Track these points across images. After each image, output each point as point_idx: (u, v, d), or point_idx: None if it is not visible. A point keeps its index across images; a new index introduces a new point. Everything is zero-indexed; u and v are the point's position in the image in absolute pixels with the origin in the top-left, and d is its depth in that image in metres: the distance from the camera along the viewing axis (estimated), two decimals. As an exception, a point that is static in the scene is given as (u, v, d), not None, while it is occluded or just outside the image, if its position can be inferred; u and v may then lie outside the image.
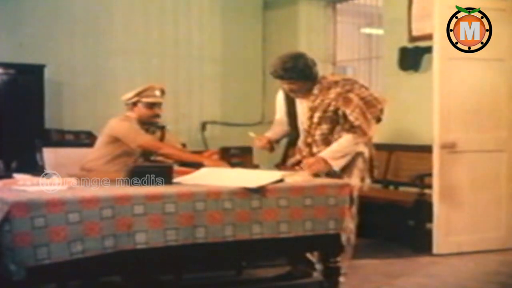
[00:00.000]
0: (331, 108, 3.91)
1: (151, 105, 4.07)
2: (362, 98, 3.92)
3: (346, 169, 3.96)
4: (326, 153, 3.89)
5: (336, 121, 3.92)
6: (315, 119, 3.95)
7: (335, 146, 3.91)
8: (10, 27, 6.20)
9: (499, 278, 4.37)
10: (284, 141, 4.37)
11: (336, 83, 3.99)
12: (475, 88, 5.09)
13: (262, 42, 7.61)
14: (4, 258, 2.67)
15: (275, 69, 3.99)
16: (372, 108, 3.93)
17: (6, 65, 5.92)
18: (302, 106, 4.11)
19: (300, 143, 4.10)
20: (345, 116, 3.88)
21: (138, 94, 4.07)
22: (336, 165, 3.89)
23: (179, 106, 7.16)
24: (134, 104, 4.08)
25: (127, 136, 3.99)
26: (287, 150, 4.34)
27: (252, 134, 4.21)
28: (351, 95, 3.91)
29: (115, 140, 4.03)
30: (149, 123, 4.13)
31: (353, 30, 7.86)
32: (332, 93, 3.94)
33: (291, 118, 4.21)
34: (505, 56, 5.16)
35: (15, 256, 2.66)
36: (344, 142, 3.91)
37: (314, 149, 3.96)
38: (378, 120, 4.02)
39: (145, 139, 4.00)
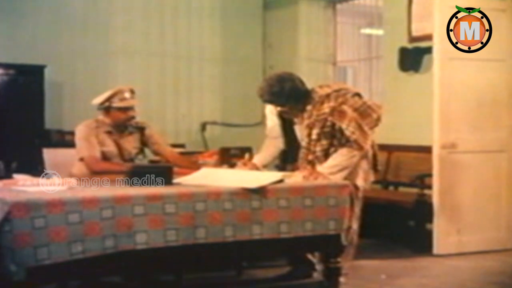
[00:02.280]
0: (328, 123, 3.84)
1: (124, 109, 4.04)
2: (356, 109, 3.85)
3: (352, 171, 3.92)
4: (323, 168, 3.81)
5: (334, 136, 3.85)
6: (314, 136, 3.87)
7: (331, 161, 3.83)
8: (10, 27, 6.20)
9: (499, 278, 4.37)
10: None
11: (328, 96, 3.90)
12: (475, 89, 5.09)
13: (262, 43, 7.61)
14: (4, 258, 2.67)
15: (261, 94, 3.94)
16: (368, 118, 3.87)
17: (6, 66, 5.92)
18: (299, 123, 4.04)
19: (301, 161, 3.98)
20: (341, 130, 3.81)
21: (108, 100, 4.01)
22: (335, 178, 3.79)
23: (179, 106, 7.17)
24: (107, 109, 4.04)
25: (76, 145, 3.99)
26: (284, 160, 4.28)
27: (246, 156, 4.18)
28: (345, 108, 3.83)
29: None
30: (125, 126, 4.11)
31: (353, 31, 7.86)
32: (326, 108, 3.85)
33: (287, 133, 4.14)
34: (505, 57, 5.16)
35: (15, 257, 2.66)
36: (339, 157, 3.82)
37: (318, 166, 3.86)
38: (376, 125, 3.96)
39: (85, 154, 3.92)
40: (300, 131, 4.03)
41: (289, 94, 3.87)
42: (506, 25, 5.11)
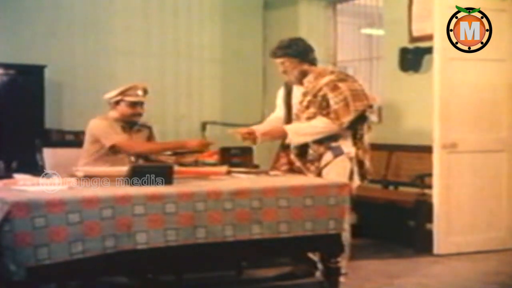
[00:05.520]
0: (321, 93, 3.97)
1: (133, 104, 4.13)
2: (352, 90, 3.97)
3: (327, 166, 4.00)
4: (292, 126, 3.98)
5: (322, 107, 3.97)
6: (305, 103, 4.03)
7: (304, 124, 3.98)
8: (10, 27, 6.20)
9: (499, 278, 4.37)
10: (277, 143, 4.37)
11: (332, 72, 4.11)
12: (475, 89, 5.09)
13: (262, 43, 7.61)
14: (4, 258, 2.67)
15: (275, 50, 4.12)
16: (359, 101, 3.96)
17: (6, 66, 5.92)
18: (296, 96, 4.17)
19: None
20: (327, 100, 3.94)
21: (122, 93, 4.11)
22: (296, 140, 3.99)
23: (179, 106, 7.16)
24: (117, 103, 4.13)
25: (103, 134, 4.04)
26: (279, 152, 4.34)
27: (229, 131, 4.21)
28: (341, 84, 3.97)
29: (96, 139, 4.07)
30: (131, 122, 4.17)
31: (353, 31, 7.86)
32: (325, 79, 4.01)
33: (285, 108, 4.26)
34: (506, 57, 5.16)
35: (16, 256, 2.66)
36: (314, 122, 3.96)
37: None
38: (363, 117, 4.03)
39: (118, 138, 4.03)
40: (296, 99, 4.15)
41: (296, 48, 4.06)
42: (507, 25, 5.11)
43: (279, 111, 4.40)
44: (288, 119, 4.24)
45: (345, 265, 3.99)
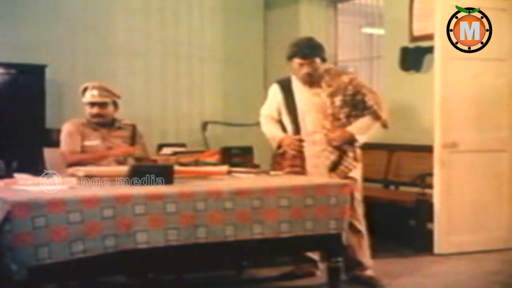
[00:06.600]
0: (349, 92, 4.06)
1: (90, 105, 4.20)
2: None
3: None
4: (353, 128, 4.06)
5: (354, 105, 4.08)
6: (338, 103, 4.07)
7: (358, 123, 4.08)
8: (11, 27, 6.20)
9: (500, 278, 4.36)
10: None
11: (343, 72, 4.30)
12: (476, 88, 5.09)
13: (263, 42, 7.60)
14: (5, 258, 2.67)
15: (300, 48, 4.09)
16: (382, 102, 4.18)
17: (7, 65, 5.92)
18: (303, 96, 4.15)
19: (317, 129, 4.09)
20: (362, 100, 4.06)
21: (81, 94, 4.23)
22: (361, 139, 4.10)
23: (180, 106, 7.16)
24: (84, 104, 4.25)
25: (61, 140, 4.19)
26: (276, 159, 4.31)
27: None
28: (361, 81, 4.23)
29: None
30: (97, 123, 4.21)
31: (354, 30, 7.85)
32: (345, 78, 4.11)
33: (290, 112, 4.20)
34: (507, 56, 5.16)
35: (16, 256, 2.66)
36: (365, 121, 4.09)
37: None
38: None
39: (63, 149, 4.14)
40: (305, 100, 4.14)
41: (322, 49, 4.16)
42: (508, 24, 5.11)
43: (274, 113, 4.31)
44: (296, 123, 4.18)
45: (371, 263, 4.14)
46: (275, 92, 4.31)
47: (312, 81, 4.11)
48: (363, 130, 4.09)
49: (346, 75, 4.18)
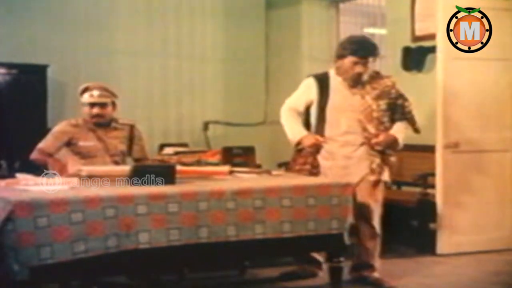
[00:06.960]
0: (393, 95, 4.04)
1: (89, 105, 4.18)
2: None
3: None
4: (395, 132, 4.05)
5: (393, 109, 4.06)
6: (383, 106, 4.03)
7: (397, 127, 4.07)
8: (13, 26, 6.20)
9: (502, 278, 4.36)
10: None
11: (383, 74, 4.24)
12: (479, 88, 5.08)
13: (264, 42, 7.60)
14: (7, 257, 2.67)
15: (361, 47, 4.10)
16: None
17: (9, 65, 5.91)
18: (340, 95, 4.09)
19: (370, 131, 4.05)
20: (402, 105, 4.05)
21: (80, 95, 4.21)
22: (401, 144, 4.13)
23: (182, 106, 7.16)
24: (82, 104, 4.23)
25: None
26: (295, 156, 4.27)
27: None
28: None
29: None
30: (96, 123, 4.19)
31: (356, 30, 7.82)
32: (388, 82, 4.10)
33: (322, 109, 4.09)
34: (509, 56, 5.15)
35: (18, 256, 2.66)
36: (403, 125, 4.10)
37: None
38: None
39: (39, 144, 4.17)
40: (342, 99, 4.08)
41: (378, 50, 4.25)
42: (510, 24, 5.10)
43: (301, 107, 4.18)
44: (323, 120, 4.10)
45: (379, 265, 4.13)
46: (310, 86, 4.16)
47: (360, 81, 4.06)
48: (402, 135, 4.10)
49: (387, 78, 4.14)
